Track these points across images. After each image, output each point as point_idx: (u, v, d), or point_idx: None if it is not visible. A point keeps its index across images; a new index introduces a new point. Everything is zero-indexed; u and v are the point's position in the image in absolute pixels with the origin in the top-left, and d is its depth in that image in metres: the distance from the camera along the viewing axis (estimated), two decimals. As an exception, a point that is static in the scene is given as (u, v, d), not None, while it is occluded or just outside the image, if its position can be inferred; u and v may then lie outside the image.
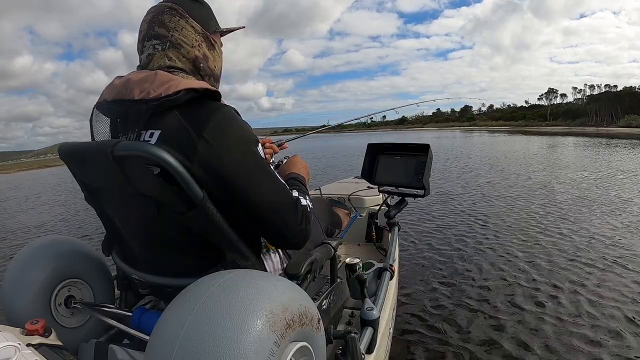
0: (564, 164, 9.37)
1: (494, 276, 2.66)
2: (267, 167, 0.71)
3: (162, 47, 0.74)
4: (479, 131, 42.89)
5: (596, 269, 2.68)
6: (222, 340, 0.47)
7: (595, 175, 7.04)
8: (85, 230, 5.47)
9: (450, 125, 70.32)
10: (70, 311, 0.92)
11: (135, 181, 0.65)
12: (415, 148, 1.64)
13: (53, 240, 0.97)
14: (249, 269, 0.70)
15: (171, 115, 0.65)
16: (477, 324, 2.03)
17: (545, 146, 15.95)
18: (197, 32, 0.76)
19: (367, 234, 2.11)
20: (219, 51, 0.82)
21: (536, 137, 23.72)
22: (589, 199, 5.06)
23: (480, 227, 3.96)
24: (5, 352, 0.58)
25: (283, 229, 0.73)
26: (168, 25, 0.74)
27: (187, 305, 0.52)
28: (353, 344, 0.78)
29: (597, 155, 11.40)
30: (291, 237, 0.75)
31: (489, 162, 10.16)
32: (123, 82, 0.72)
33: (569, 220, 4.04)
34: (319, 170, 10.68)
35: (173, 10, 0.74)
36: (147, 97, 0.66)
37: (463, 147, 17.51)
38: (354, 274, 1.00)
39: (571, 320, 2.02)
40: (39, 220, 6.76)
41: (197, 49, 0.76)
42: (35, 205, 8.92)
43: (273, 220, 0.72)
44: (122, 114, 0.71)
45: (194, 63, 0.76)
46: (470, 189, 6.25)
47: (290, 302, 0.56)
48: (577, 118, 42.14)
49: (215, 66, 0.81)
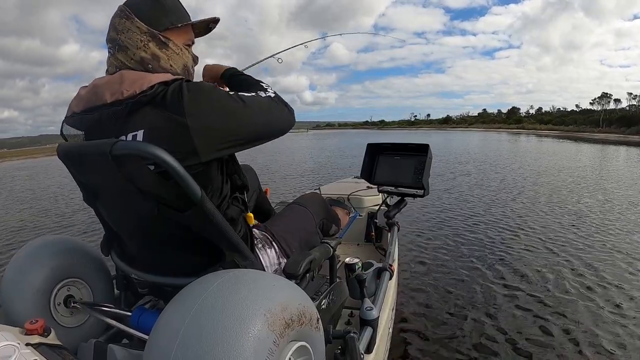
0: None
1: (494, 276, 2.66)
2: (243, 99, 0.72)
3: (113, 50, 0.74)
4: (527, 135, 39.41)
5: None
6: (221, 340, 0.47)
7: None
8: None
9: (497, 127, 67.33)
10: (70, 311, 0.92)
11: (134, 181, 0.65)
12: (415, 148, 1.64)
13: (52, 239, 0.97)
14: (248, 269, 0.70)
15: (148, 112, 0.65)
16: (477, 324, 2.03)
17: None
18: (143, 32, 0.73)
19: (366, 234, 2.11)
20: (175, 49, 0.76)
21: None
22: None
23: (482, 230, 3.96)
24: (4, 351, 0.58)
25: (284, 124, 0.80)
26: (117, 28, 0.73)
27: (187, 305, 0.52)
28: (352, 344, 0.78)
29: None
30: (290, 123, 0.82)
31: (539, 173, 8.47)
32: (90, 90, 0.72)
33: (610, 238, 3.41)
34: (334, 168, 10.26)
35: (122, 12, 0.73)
36: (122, 97, 0.66)
37: (510, 154, 14.63)
38: (353, 273, 1.00)
39: (575, 319, 2.02)
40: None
41: (142, 49, 0.72)
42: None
43: (277, 127, 0.78)
44: (96, 122, 0.70)
45: (141, 64, 0.73)
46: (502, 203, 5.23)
47: (289, 302, 0.56)
48: (633, 125, 38.04)
49: (173, 64, 0.76)
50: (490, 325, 2.01)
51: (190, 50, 0.81)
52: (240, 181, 0.82)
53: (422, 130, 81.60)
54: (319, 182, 2.86)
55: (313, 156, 16.23)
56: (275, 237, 0.94)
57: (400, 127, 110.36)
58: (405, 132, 63.01)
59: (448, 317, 2.13)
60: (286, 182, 8.34)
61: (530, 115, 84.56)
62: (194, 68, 0.84)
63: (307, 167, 11.38)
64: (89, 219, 5.11)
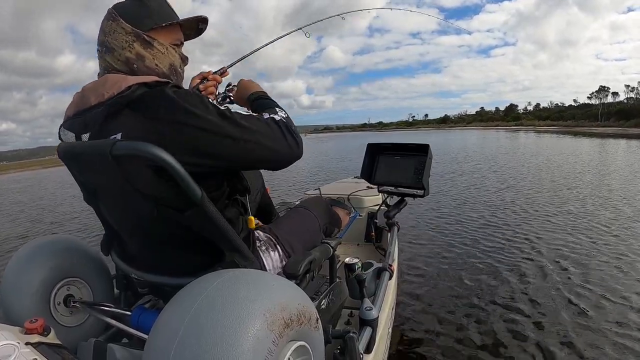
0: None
1: (494, 277, 2.66)
2: (230, 117, 0.68)
3: (101, 52, 0.76)
4: (525, 131, 39.17)
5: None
6: (221, 339, 0.47)
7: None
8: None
9: (495, 124, 66.32)
10: (70, 310, 0.92)
11: (134, 180, 0.66)
12: (415, 148, 1.64)
13: (52, 239, 0.98)
14: (247, 269, 0.70)
15: (126, 114, 0.66)
16: (478, 324, 2.03)
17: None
18: (127, 32, 0.74)
19: (366, 234, 2.11)
20: (161, 48, 0.77)
21: (598, 140, 19.02)
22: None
23: (483, 230, 3.96)
24: (4, 350, 0.58)
25: (275, 155, 0.74)
26: (105, 30, 0.75)
27: (186, 304, 0.52)
28: (352, 344, 0.78)
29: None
30: (285, 154, 0.75)
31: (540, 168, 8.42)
32: (79, 94, 0.74)
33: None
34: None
35: (109, 14, 0.75)
36: (102, 100, 0.67)
37: (508, 152, 14.48)
38: (353, 273, 1.00)
39: (583, 321, 2.02)
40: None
41: (127, 50, 0.74)
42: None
43: (261, 155, 0.72)
44: (83, 125, 0.72)
45: (127, 64, 0.74)
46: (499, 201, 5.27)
47: (289, 302, 0.56)
48: (632, 118, 37.91)
49: (158, 64, 0.77)
50: (491, 325, 2.01)
51: (177, 50, 0.81)
52: (241, 185, 0.82)
53: (420, 130, 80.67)
54: (319, 183, 2.85)
55: (312, 157, 16.20)
56: (279, 240, 0.93)
57: (398, 128, 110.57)
58: (404, 133, 62.39)
59: (448, 316, 2.13)
60: (286, 182, 8.34)
61: (528, 112, 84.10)
62: (182, 68, 0.84)
63: (307, 167, 11.36)
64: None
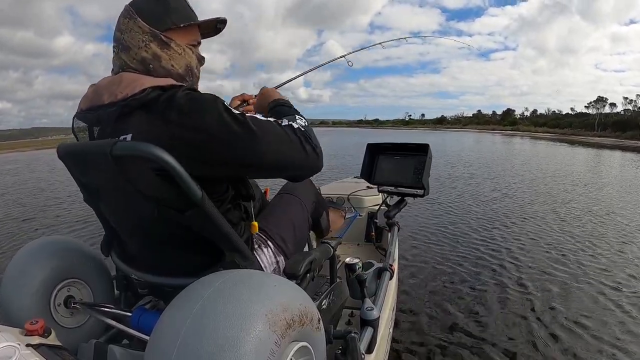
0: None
1: (497, 276, 2.66)
2: (244, 121, 0.65)
3: (117, 50, 0.75)
4: (521, 137, 38.92)
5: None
6: (223, 341, 0.47)
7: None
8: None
9: (492, 128, 66.46)
10: (70, 311, 0.92)
11: (134, 181, 0.65)
12: (415, 148, 1.64)
13: (52, 240, 0.97)
14: (248, 269, 0.70)
15: (138, 116, 0.65)
16: (478, 324, 2.03)
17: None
18: (144, 32, 0.73)
19: (366, 234, 2.11)
20: (178, 49, 0.76)
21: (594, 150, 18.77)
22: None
23: (484, 230, 3.97)
24: (5, 352, 0.57)
25: (291, 163, 0.71)
26: (121, 27, 0.74)
27: (187, 306, 0.52)
28: (353, 344, 0.78)
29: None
30: (303, 164, 0.72)
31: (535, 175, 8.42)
32: (93, 90, 0.73)
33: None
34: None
35: (126, 12, 0.74)
36: (115, 100, 0.67)
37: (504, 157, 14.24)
38: (353, 273, 1.00)
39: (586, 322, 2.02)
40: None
41: (143, 49, 0.73)
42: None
43: (276, 161, 0.69)
44: (95, 121, 0.72)
45: (142, 64, 0.73)
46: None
47: (290, 302, 0.56)
48: (628, 130, 37.97)
49: (175, 65, 0.76)
50: (491, 325, 2.02)
51: (194, 51, 0.80)
52: (246, 191, 0.81)
53: (416, 130, 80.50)
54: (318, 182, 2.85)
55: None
56: (269, 235, 0.93)
57: (394, 127, 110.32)
58: (400, 132, 62.38)
59: (449, 316, 2.13)
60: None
61: (525, 117, 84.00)
62: (199, 68, 0.83)
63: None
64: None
